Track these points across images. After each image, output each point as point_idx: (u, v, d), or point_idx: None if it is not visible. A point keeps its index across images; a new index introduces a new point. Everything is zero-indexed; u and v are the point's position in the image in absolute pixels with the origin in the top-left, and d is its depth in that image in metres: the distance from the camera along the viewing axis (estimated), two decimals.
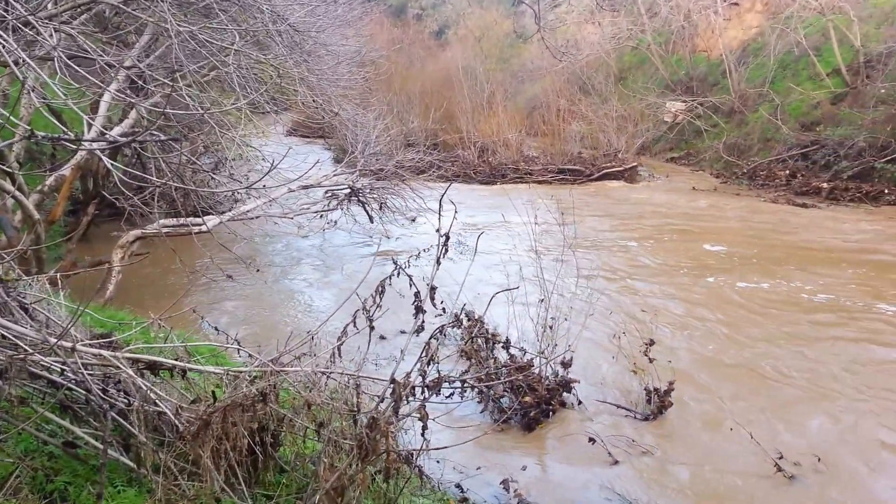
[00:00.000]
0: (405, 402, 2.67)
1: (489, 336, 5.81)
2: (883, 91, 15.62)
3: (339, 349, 3.19)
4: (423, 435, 2.75)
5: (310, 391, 2.74)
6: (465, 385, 3.03)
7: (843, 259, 9.92)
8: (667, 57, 24.42)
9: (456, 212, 3.10)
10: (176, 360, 2.83)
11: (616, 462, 4.76)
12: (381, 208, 11.82)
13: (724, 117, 20.56)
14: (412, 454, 2.75)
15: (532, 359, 5.64)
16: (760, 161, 17.32)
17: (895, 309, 7.66)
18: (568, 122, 20.39)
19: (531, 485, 4.47)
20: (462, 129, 20.31)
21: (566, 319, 6.00)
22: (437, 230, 2.87)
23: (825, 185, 14.90)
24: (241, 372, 2.79)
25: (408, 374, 2.65)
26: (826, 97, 17.58)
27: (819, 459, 4.60)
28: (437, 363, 2.80)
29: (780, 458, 4.56)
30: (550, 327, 5.79)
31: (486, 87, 22.10)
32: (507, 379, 5.33)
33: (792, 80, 19.15)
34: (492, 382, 5.16)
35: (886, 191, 14.05)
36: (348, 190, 11.42)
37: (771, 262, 9.76)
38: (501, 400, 5.50)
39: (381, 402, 2.63)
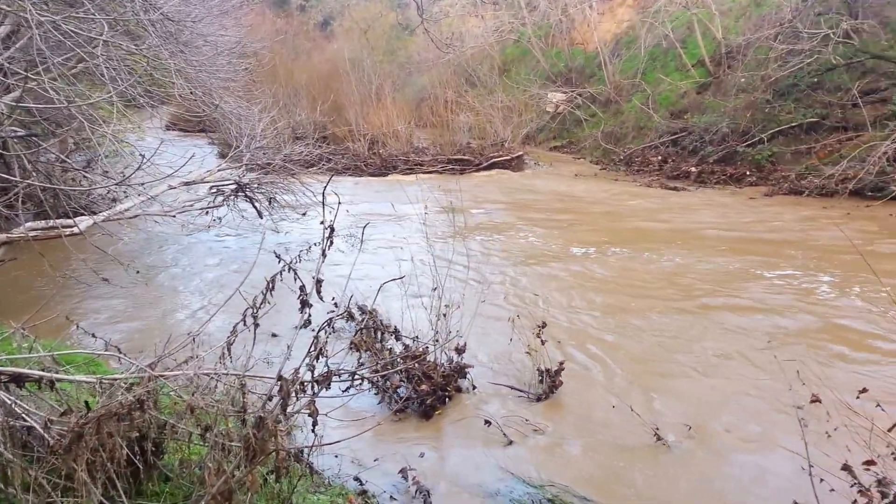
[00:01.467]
0: (295, 398, 2.63)
1: (380, 327, 5.81)
2: (742, 80, 16.83)
3: (228, 349, 3.10)
4: (313, 431, 2.72)
5: (193, 394, 2.65)
6: (356, 377, 3.02)
7: (713, 237, 10.64)
8: (547, 50, 25.19)
9: (339, 203, 3.08)
10: (43, 370, 2.65)
11: (511, 442, 4.90)
12: (270, 203, 11.50)
13: (601, 107, 21.49)
14: (302, 451, 2.72)
15: (427, 347, 5.70)
16: (635, 148, 18.29)
17: (766, 281, 8.30)
18: (456, 114, 20.66)
19: (429, 471, 4.53)
20: (351, 121, 20.13)
21: (459, 307, 6.10)
22: (322, 222, 2.84)
23: (694, 169, 15.94)
24: (115, 379, 2.65)
25: (296, 371, 2.61)
26: (692, 87, 18.76)
27: (690, 428, 4.92)
28: (328, 357, 2.77)
29: (659, 428, 4.84)
30: (444, 315, 5.86)
31: (373, 79, 21.99)
32: (398, 369, 5.36)
33: (661, 71, 20.29)
34: (385, 373, 5.17)
35: (748, 173, 15.22)
36: (234, 185, 11.04)
37: (649, 242, 10.33)
38: (398, 390, 5.53)
39: (269, 400, 2.58)
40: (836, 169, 13.03)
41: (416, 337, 5.87)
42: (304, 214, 12.00)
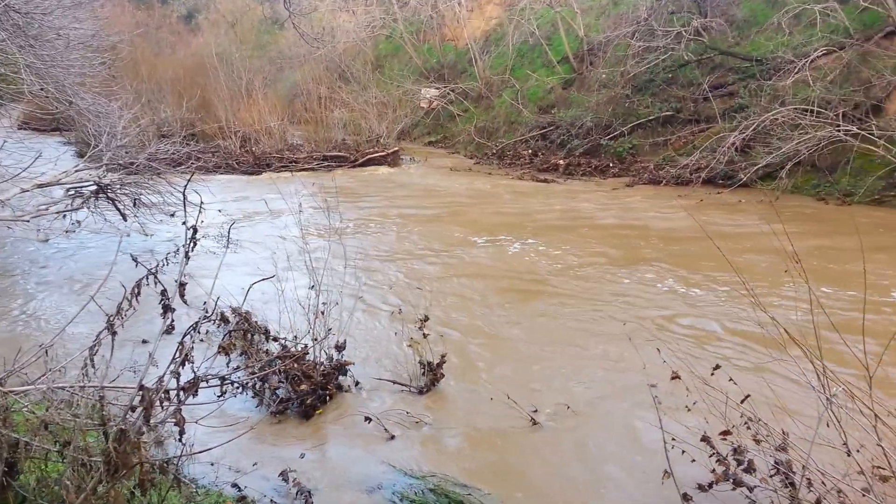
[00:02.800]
0: (161, 408, 2.52)
1: (254, 329, 5.67)
2: (604, 76, 17.76)
3: (91, 359, 2.92)
4: (180, 440, 2.62)
5: (47, 409, 2.48)
6: (227, 382, 2.94)
7: (582, 226, 11.18)
8: (419, 45, 25.40)
9: (202, 203, 2.98)
10: None
11: (392, 437, 4.93)
12: (135, 205, 10.87)
13: (473, 102, 21.96)
14: (168, 462, 2.61)
15: (306, 346, 5.62)
16: (507, 142, 18.84)
17: (630, 268, 8.81)
18: (330, 110, 20.39)
19: (310, 471, 4.48)
20: (221, 118, 19.37)
21: (338, 303, 6.06)
22: (185, 223, 2.73)
23: (562, 161, 16.67)
24: None
25: (160, 379, 2.51)
26: (558, 82, 19.55)
27: (568, 407, 5.17)
28: (203, 362, 2.68)
29: (535, 411, 5.05)
30: (322, 313, 5.80)
31: (243, 74, 21.26)
32: (274, 370, 5.25)
33: (529, 67, 21.01)
34: (259, 374, 5.05)
35: (611, 164, 16.10)
36: (94, 187, 10.34)
37: (524, 233, 10.69)
38: (277, 391, 5.42)
39: (131, 411, 2.47)
40: (690, 159, 14.05)
41: (295, 336, 5.78)
42: (172, 215, 11.44)
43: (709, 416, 3.83)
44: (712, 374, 4.00)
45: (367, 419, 5.03)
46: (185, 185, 2.72)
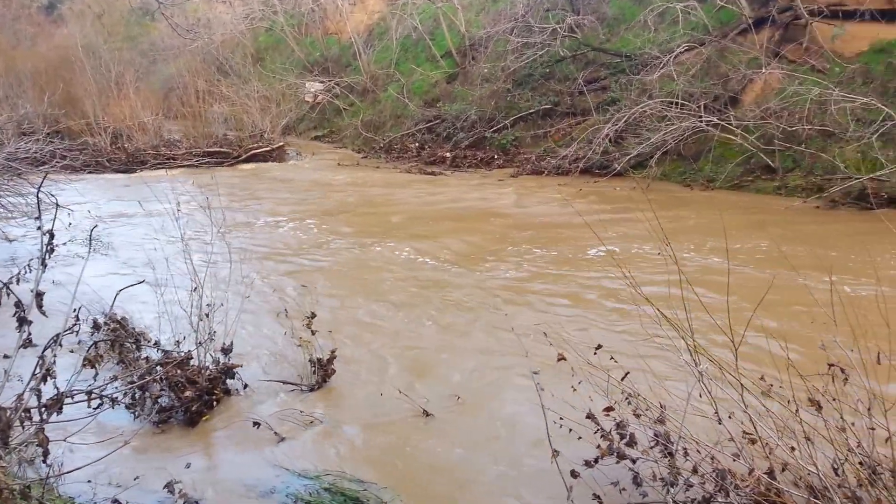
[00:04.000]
0: (22, 428, 2.32)
1: (129, 335, 5.35)
2: (486, 71, 18.09)
3: None
4: (44, 461, 2.42)
5: None
6: (94, 396, 2.75)
7: (473, 216, 11.34)
8: (301, 38, 24.87)
9: (57, 205, 2.76)
10: None
11: (284, 438, 4.81)
12: None
13: (359, 96, 21.77)
14: (29, 487, 2.40)
15: (189, 351, 5.37)
16: (394, 136, 18.83)
17: (522, 263, 9.02)
18: (209, 104, 19.58)
19: (198, 481, 4.29)
20: (89, 113, 18.15)
21: (223, 304, 5.84)
22: (39, 227, 2.52)
23: (448, 154, 16.85)
24: None
25: (19, 397, 2.30)
26: (442, 76, 19.74)
27: (459, 398, 5.23)
28: (55, 378, 2.48)
29: (428, 402, 5.07)
30: (206, 315, 5.56)
31: (112, 67, 20.00)
32: (153, 378, 4.99)
33: (413, 61, 21.07)
34: (135, 384, 4.77)
35: (496, 156, 16.45)
36: None
37: (413, 226, 10.72)
38: (159, 400, 5.14)
39: None
40: (569, 150, 14.59)
41: (178, 341, 5.51)
42: (37, 219, 10.59)
43: (593, 395, 3.98)
44: (595, 353, 4.16)
45: (256, 424, 4.87)
46: (39, 186, 2.51)
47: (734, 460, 3.51)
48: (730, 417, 3.54)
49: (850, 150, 11.14)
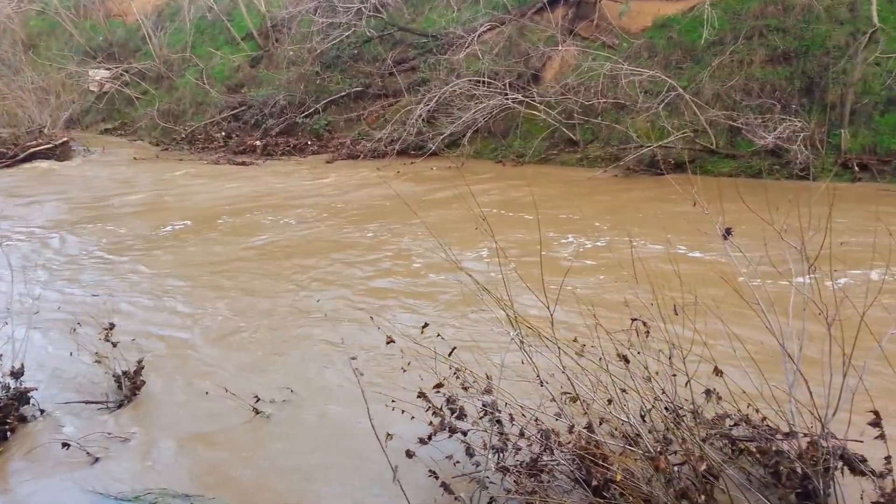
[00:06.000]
0: None
1: None
2: (291, 53, 17.51)
3: None
4: None
5: None
6: None
7: (288, 205, 10.95)
8: (80, 22, 22.54)
9: None
10: None
11: (96, 460, 4.34)
12: None
13: (153, 84, 20.21)
14: None
15: None
16: (197, 125, 17.71)
17: (342, 250, 8.82)
18: None
19: None
20: None
21: (7, 323, 5.15)
22: None
23: (259, 142, 16.15)
24: None
25: None
26: (245, 60, 18.85)
27: (292, 391, 5.00)
28: None
29: (257, 401, 4.79)
30: None
31: None
32: None
33: (211, 44, 19.91)
34: None
35: (309, 142, 16.02)
36: None
37: (221, 219, 10.16)
38: None
39: None
40: (384, 133, 14.57)
41: None
42: None
43: (423, 374, 3.97)
44: (422, 332, 4.15)
45: (65, 445, 4.34)
46: None
47: (556, 419, 3.67)
48: (549, 381, 3.68)
49: (641, 120, 12.17)
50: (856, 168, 10.36)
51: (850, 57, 10.96)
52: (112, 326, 5.38)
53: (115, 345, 5.17)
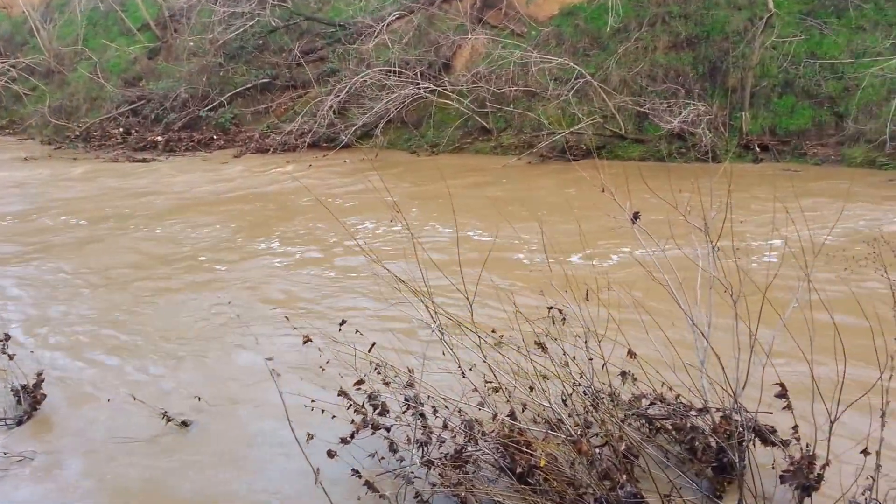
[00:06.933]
0: None
1: None
2: (192, 44, 16.82)
3: None
4: None
5: None
6: None
7: (193, 204, 10.53)
8: None
9: None
10: None
11: None
12: None
13: (42, 79, 19.06)
14: None
15: None
16: (92, 121, 16.77)
17: (252, 246, 8.54)
18: None
19: None
20: None
21: None
22: None
23: (160, 138, 15.47)
24: None
25: None
26: (142, 52, 18.00)
27: (199, 399, 4.77)
28: None
29: (166, 412, 4.54)
30: None
31: None
32: None
33: (105, 35, 18.92)
34: None
35: (215, 137, 15.45)
36: None
37: (122, 219, 9.67)
38: None
39: None
40: (294, 125, 14.21)
41: None
42: None
43: (343, 371, 3.88)
44: (339, 329, 4.04)
45: None
46: None
47: (479, 409, 3.66)
48: (471, 370, 3.66)
49: (552, 107, 12.36)
50: (757, 149, 10.84)
51: (748, 42, 11.43)
52: (8, 338, 5.05)
53: (11, 357, 4.83)
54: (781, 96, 11.15)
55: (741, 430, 3.12)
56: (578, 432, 3.25)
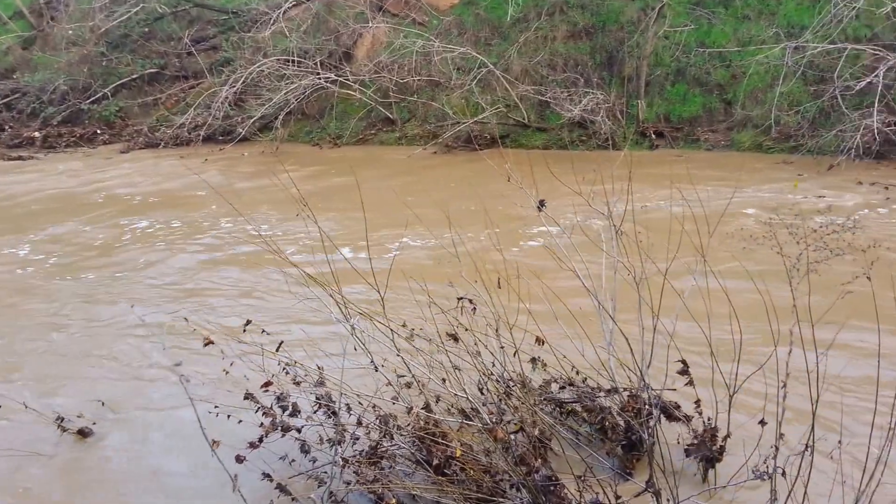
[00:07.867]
0: None
1: None
2: (71, 32, 15.75)
3: None
4: None
5: None
6: None
7: (74, 204, 9.89)
8: None
9: None
10: None
11: None
12: None
13: None
14: None
15: None
16: None
17: (136, 247, 8.09)
18: None
19: None
20: None
21: None
22: None
23: (38, 133, 14.45)
24: None
25: None
26: (15, 41, 16.73)
27: (104, 404, 4.49)
28: None
29: (62, 420, 4.22)
30: None
31: None
32: None
33: None
34: None
35: (99, 131, 14.54)
36: None
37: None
38: None
39: None
40: (186, 118, 13.57)
41: None
42: None
43: (249, 373, 3.72)
44: (244, 330, 3.88)
45: None
46: None
47: (394, 403, 3.61)
48: (383, 365, 3.60)
49: (456, 97, 12.37)
50: (653, 136, 11.25)
51: (642, 31, 11.81)
52: None
53: None
54: (674, 84, 11.60)
55: (648, 407, 3.22)
56: (493, 420, 3.26)
